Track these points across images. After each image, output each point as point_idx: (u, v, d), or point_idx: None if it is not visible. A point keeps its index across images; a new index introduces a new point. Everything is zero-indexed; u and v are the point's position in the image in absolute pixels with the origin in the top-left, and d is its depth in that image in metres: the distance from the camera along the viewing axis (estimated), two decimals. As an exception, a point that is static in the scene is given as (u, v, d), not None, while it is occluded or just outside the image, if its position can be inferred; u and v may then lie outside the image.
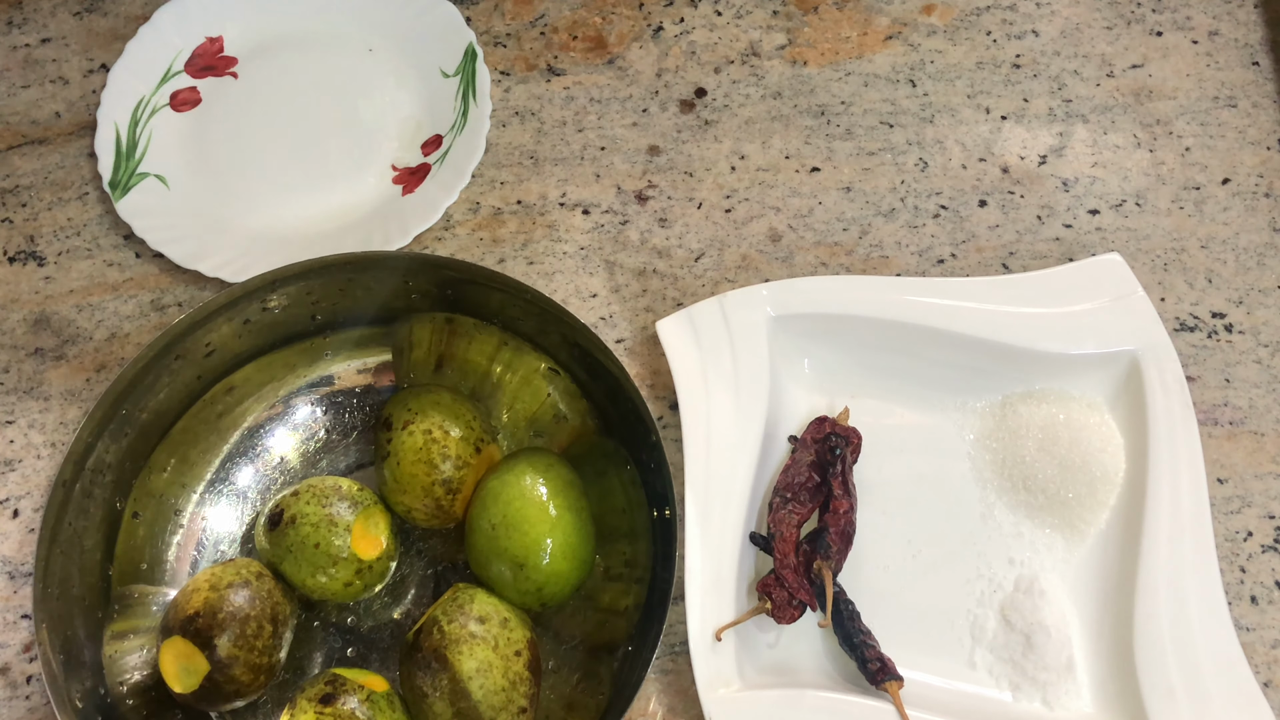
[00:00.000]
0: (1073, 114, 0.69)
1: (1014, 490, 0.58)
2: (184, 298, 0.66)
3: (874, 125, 0.69)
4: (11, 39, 0.74)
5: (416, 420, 0.56)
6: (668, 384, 0.62)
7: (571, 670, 0.55)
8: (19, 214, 0.68)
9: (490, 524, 0.54)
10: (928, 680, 0.55)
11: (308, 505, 0.54)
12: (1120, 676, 0.54)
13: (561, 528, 0.54)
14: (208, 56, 0.72)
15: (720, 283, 0.65)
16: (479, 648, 0.51)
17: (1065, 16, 0.72)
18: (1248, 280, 0.64)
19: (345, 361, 0.62)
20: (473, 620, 0.51)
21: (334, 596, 0.55)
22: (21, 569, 0.60)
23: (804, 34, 0.72)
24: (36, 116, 0.71)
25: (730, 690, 0.53)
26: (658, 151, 0.69)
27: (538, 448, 0.58)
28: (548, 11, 0.73)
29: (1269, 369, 0.62)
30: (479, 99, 0.68)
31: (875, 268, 0.65)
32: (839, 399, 0.61)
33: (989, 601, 0.57)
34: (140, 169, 0.68)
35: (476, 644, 0.51)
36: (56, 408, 0.63)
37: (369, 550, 0.55)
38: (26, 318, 0.66)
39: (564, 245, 0.66)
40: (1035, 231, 0.66)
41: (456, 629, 0.51)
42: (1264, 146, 0.68)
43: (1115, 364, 0.59)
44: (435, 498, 0.55)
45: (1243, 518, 0.59)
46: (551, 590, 0.54)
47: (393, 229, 0.64)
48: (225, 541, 0.59)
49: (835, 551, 0.55)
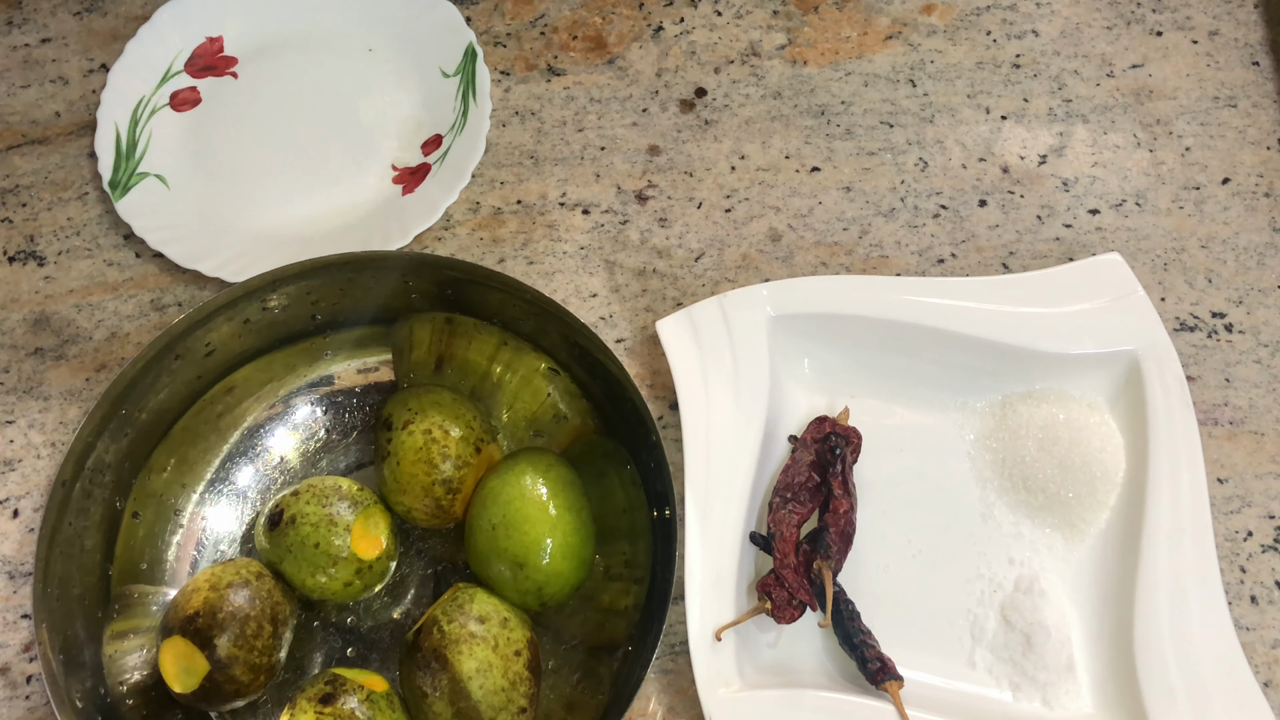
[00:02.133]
0: (1073, 114, 0.69)
1: (1014, 490, 0.58)
2: (184, 298, 0.66)
3: (874, 125, 0.69)
4: (11, 39, 0.74)
5: (417, 420, 0.56)
6: (668, 384, 0.62)
7: (571, 670, 0.55)
8: (19, 214, 0.68)
9: (490, 524, 0.54)
10: (928, 680, 0.55)
11: (308, 505, 0.54)
12: (1120, 676, 0.54)
13: (561, 527, 0.54)
14: (208, 56, 0.72)
15: (720, 283, 0.65)
16: (479, 648, 0.51)
17: (1065, 16, 0.72)
18: (1248, 280, 0.64)
19: (345, 361, 0.62)
20: (472, 620, 0.51)
21: (334, 596, 0.55)
22: (21, 569, 0.60)
23: (804, 34, 0.72)
24: (36, 116, 0.71)
25: (730, 690, 0.53)
26: (658, 151, 0.69)
27: (538, 448, 0.58)
28: (548, 11, 0.73)
29: (1269, 369, 0.62)
30: (479, 99, 0.68)
31: (875, 268, 0.65)
32: (839, 399, 0.61)
33: (989, 601, 0.57)
34: (140, 169, 0.68)
35: (476, 644, 0.51)
36: (56, 408, 0.63)
37: (369, 550, 0.55)
38: (26, 318, 0.66)
39: (564, 245, 0.66)
40: (1035, 231, 0.66)
41: (456, 629, 0.51)
42: (1264, 146, 0.68)
43: (1115, 364, 0.59)
44: (435, 498, 0.55)
45: (1243, 518, 0.59)
46: (551, 590, 0.54)
47: (393, 229, 0.64)
48: (225, 541, 0.59)
49: (835, 551, 0.55)
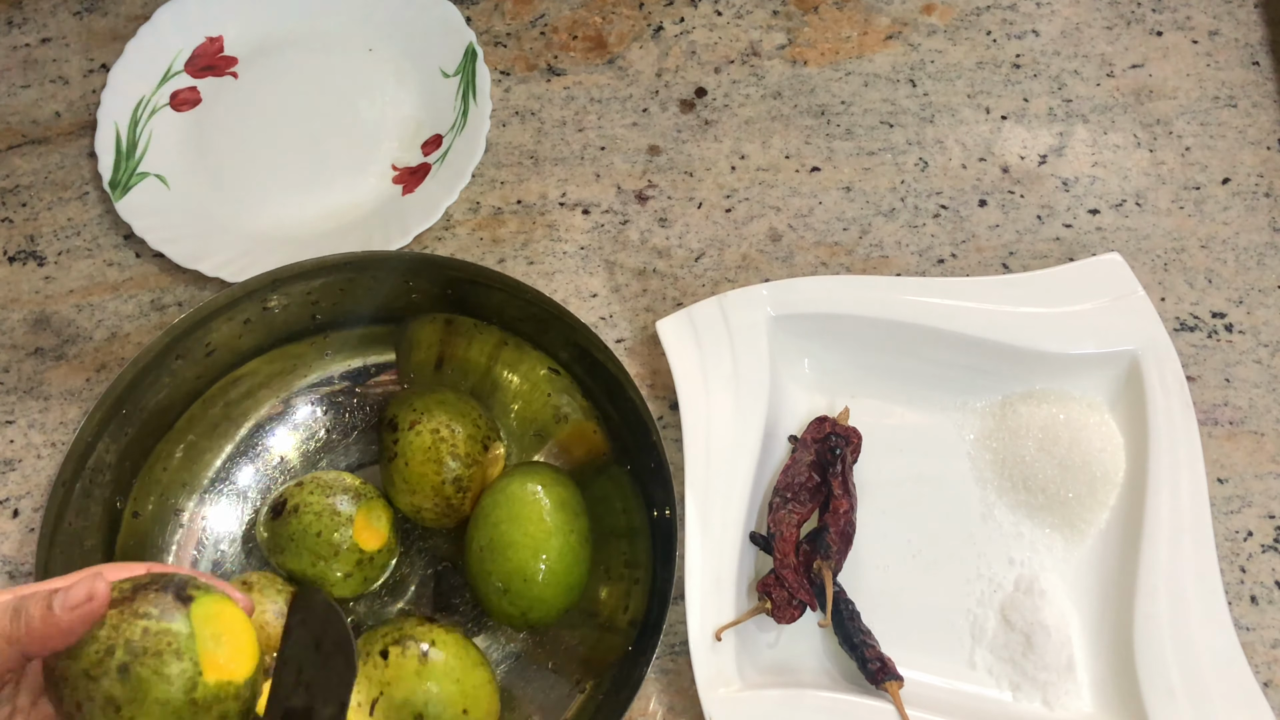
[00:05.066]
0: (1073, 114, 0.69)
1: (1014, 490, 0.58)
2: (184, 298, 0.66)
3: (874, 125, 0.69)
4: (11, 39, 0.74)
5: (423, 420, 0.56)
6: (668, 384, 0.62)
7: (571, 670, 0.55)
8: (19, 214, 0.68)
9: (479, 545, 0.54)
10: (928, 680, 0.55)
11: (311, 495, 0.55)
12: (1120, 676, 0.54)
13: (550, 553, 0.53)
14: (208, 56, 0.72)
15: (720, 283, 0.65)
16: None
17: (1065, 16, 0.72)
18: (1248, 280, 0.64)
19: (346, 361, 0.62)
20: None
21: (334, 588, 0.55)
22: (21, 569, 0.60)
23: (804, 34, 0.72)
24: (36, 116, 0.71)
25: (730, 690, 0.53)
26: (658, 151, 0.69)
27: (536, 463, 0.58)
28: (548, 11, 0.73)
29: (1269, 369, 0.62)
30: (479, 99, 0.68)
31: (875, 268, 0.65)
32: (839, 399, 0.61)
33: (989, 601, 0.57)
34: (140, 169, 0.68)
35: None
36: (56, 408, 0.63)
37: (371, 542, 0.55)
38: (26, 318, 0.66)
39: (564, 245, 0.66)
40: (1035, 231, 0.66)
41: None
42: (1264, 146, 0.68)
43: (1115, 364, 0.59)
44: (445, 496, 0.55)
45: (1243, 518, 0.59)
46: (536, 615, 0.53)
47: (393, 229, 0.64)
48: (225, 541, 0.59)
49: (835, 551, 0.55)
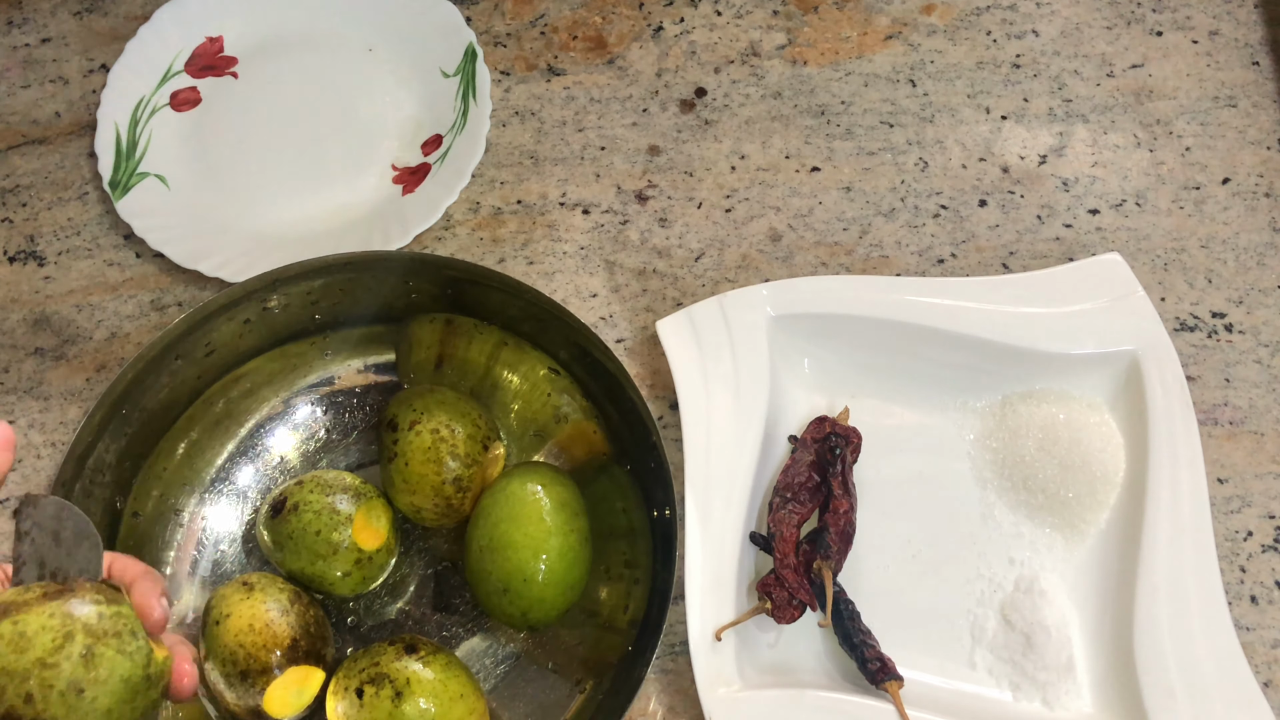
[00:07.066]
0: (1073, 114, 0.69)
1: (1014, 490, 0.58)
2: (184, 298, 0.66)
3: (874, 125, 0.69)
4: (11, 39, 0.74)
5: (423, 420, 0.56)
6: (668, 384, 0.62)
7: (571, 670, 0.56)
8: (19, 214, 0.68)
9: (479, 546, 0.54)
10: (928, 680, 0.55)
11: (311, 494, 0.55)
12: (1120, 676, 0.54)
13: (549, 553, 0.53)
14: (208, 56, 0.72)
15: (720, 283, 0.65)
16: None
17: (1065, 16, 0.72)
18: (1248, 280, 0.64)
19: (346, 361, 0.62)
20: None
21: (332, 587, 0.55)
22: (22, 569, 0.60)
23: (804, 34, 0.72)
24: (36, 116, 0.71)
25: (730, 690, 0.53)
26: (658, 151, 0.69)
27: (536, 463, 0.58)
28: (548, 11, 0.73)
29: (1269, 369, 0.62)
30: (479, 99, 0.68)
31: (875, 268, 0.65)
32: (839, 399, 0.61)
33: (989, 601, 0.57)
34: (140, 169, 0.68)
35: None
36: (56, 408, 0.63)
37: (370, 541, 0.55)
38: (26, 318, 0.66)
39: (564, 245, 0.66)
40: (1035, 231, 0.66)
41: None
42: (1264, 146, 0.68)
43: (1115, 364, 0.59)
44: (446, 496, 0.55)
45: (1243, 518, 0.59)
46: (537, 615, 0.53)
47: (393, 229, 0.64)
48: (225, 541, 0.59)
49: (835, 551, 0.55)
